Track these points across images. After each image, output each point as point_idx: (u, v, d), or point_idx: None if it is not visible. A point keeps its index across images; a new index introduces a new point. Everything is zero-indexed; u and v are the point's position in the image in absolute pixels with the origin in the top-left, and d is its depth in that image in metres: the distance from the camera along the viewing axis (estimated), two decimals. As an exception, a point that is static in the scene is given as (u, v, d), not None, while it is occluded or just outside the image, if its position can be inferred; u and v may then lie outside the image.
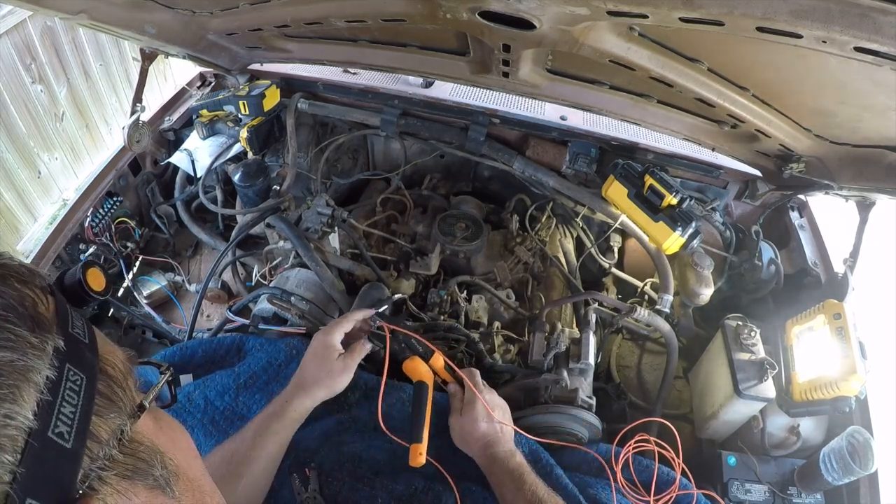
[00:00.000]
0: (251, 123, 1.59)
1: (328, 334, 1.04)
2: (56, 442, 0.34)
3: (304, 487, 1.00)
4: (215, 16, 1.30)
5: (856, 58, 0.72)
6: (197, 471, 0.49)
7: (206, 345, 1.22)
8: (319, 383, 1.00)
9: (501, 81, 1.30)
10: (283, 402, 0.99)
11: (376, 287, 1.32)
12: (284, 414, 0.98)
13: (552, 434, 1.16)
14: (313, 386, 1.00)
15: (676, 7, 0.73)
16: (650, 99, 1.23)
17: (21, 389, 0.34)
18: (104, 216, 1.55)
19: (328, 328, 1.06)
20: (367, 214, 1.68)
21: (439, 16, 0.99)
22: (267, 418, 0.97)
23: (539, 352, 1.25)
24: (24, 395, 0.34)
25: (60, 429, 0.35)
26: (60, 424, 0.35)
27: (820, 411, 1.09)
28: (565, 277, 1.55)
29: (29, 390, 0.34)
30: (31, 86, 3.07)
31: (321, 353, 1.02)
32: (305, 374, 1.02)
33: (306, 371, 1.02)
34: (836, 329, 1.08)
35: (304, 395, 0.99)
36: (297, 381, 1.02)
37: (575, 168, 1.57)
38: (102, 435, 0.39)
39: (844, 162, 1.16)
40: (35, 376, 0.35)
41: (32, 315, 0.38)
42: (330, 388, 1.02)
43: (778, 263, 1.45)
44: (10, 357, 0.34)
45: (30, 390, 0.34)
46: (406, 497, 0.99)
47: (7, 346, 0.34)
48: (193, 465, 0.49)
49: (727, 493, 1.12)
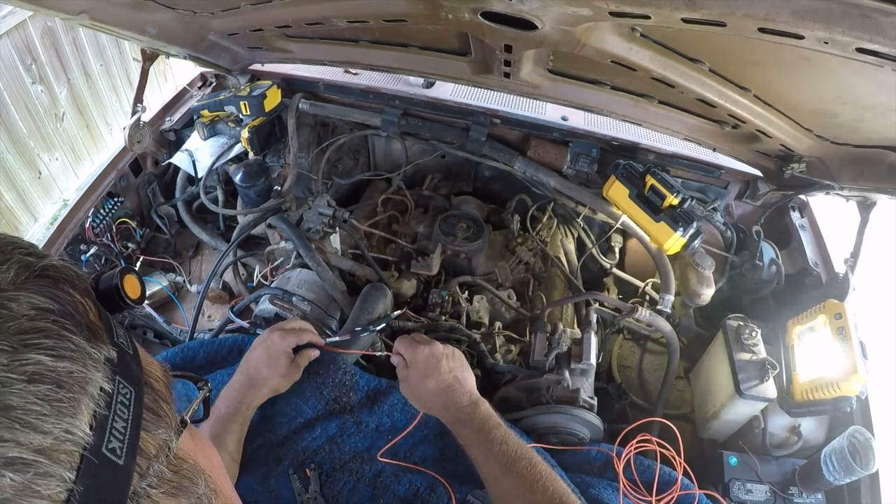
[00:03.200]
0: (252, 124, 1.59)
1: (285, 340, 1.04)
2: (109, 458, 0.33)
3: (305, 488, 1.00)
4: (216, 16, 1.30)
5: (857, 59, 0.72)
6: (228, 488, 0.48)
7: (208, 345, 1.22)
8: (271, 382, 1.03)
9: (503, 82, 1.31)
10: (237, 403, 1.00)
11: (378, 288, 1.32)
12: (239, 412, 1.00)
13: (554, 434, 1.16)
14: (265, 384, 1.02)
15: (678, 8, 0.73)
16: (651, 99, 1.23)
17: (80, 402, 0.32)
18: (105, 216, 1.55)
19: (285, 333, 1.06)
20: (368, 215, 1.68)
21: (441, 16, 0.99)
22: (223, 421, 0.98)
23: (540, 352, 1.25)
24: (82, 409, 0.32)
25: (113, 444, 0.33)
26: (113, 440, 0.33)
27: (821, 411, 1.09)
28: (566, 278, 1.55)
29: (88, 403, 0.33)
30: (31, 86, 3.07)
31: (275, 355, 1.03)
32: (257, 374, 1.02)
33: (258, 372, 1.02)
34: (837, 329, 1.08)
35: (256, 392, 1.01)
36: (247, 380, 1.02)
37: (576, 168, 1.57)
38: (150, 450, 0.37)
39: (845, 162, 1.16)
40: (92, 389, 0.33)
41: (87, 323, 0.36)
42: (280, 387, 1.05)
43: (779, 263, 1.45)
44: (71, 368, 0.32)
45: (88, 403, 0.33)
46: (408, 498, 0.99)
47: (67, 357, 0.32)
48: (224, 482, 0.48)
49: (728, 493, 1.12)
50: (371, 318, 1.23)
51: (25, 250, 0.36)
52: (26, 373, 0.30)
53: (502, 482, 0.85)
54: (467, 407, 0.95)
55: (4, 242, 0.36)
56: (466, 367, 1.03)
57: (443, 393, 0.97)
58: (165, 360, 1.25)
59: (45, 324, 0.32)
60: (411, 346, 1.03)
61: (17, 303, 0.32)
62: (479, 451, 0.89)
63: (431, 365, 0.99)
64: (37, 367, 0.31)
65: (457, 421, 0.94)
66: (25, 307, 0.32)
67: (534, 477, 0.83)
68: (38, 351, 0.31)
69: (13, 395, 0.29)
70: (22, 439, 0.29)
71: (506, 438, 0.89)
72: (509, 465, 0.85)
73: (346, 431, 1.11)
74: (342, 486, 1.01)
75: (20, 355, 0.30)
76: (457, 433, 0.95)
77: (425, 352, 1.01)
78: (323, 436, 1.09)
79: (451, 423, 0.96)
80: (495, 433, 0.90)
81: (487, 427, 0.91)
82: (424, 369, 0.99)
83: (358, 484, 1.01)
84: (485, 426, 0.91)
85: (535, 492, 0.82)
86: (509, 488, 0.84)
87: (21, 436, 0.29)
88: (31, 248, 0.37)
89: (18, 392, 0.29)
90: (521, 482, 0.83)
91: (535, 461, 0.86)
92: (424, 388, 0.98)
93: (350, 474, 1.02)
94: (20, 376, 0.30)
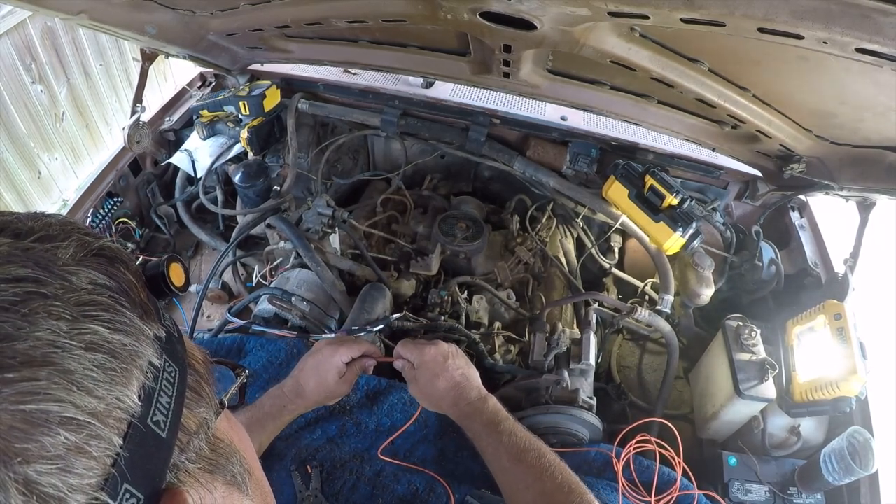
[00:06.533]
0: (252, 124, 1.59)
1: (336, 354, 1.02)
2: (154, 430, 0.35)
3: (306, 485, 1.00)
4: (216, 16, 1.30)
5: (856, 59, 0.72)
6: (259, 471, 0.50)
7: (207, 345, 1.23)
8: (317, 396, 1.02)
9: (502, 82, 1.30)
10: (281, 406, 0.99)
11: (377, 288, 1.32)
12: (280, 416, 0.99)
13: (553, 434, 1.16)
14: (311, 397, 1.01)
15: (677, 8, 0.73)
16: (651, 99, 1.23)
17: (132, 374, 0.34)
18: (105, 216, 1.55)
19: (336, 347, 1.03)
20: (367, 215, 1.68)
21: (440, 16, 0.98)
22: (263, 417, 0.98)
23: (540, 352, 1.25)
24: (132, 380, 0.34)
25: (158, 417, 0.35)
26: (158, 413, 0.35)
27: (820, 411, 1.09)
28: (566, 278, 1.55)
29: (138, 375, 0.35)
30: (31, 86, 3.06)
31: (324, 370, 1.01)
32: (305, 385, 1.01)
33: (306, 383, 1.01)
34: (836, 329, 1.08)
35: (301, 402, 1.01)
36: (296, 388, 1.01)
37: (575, 168, 1.57)
38: (191, 427, 0.39)
39: (845, 162, 1.16)
40: (143, 362, 0.35)
41: (140, 302, 0.38)
42: (325, 402, 1.05)
43: (778, 264, 1.45)
44: (125, 341, 0.34)
45: (139, 375, 0.35)
46: (407, 497, 0.99)
47: (122, 330, 0.34)
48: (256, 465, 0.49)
49: (728, 494, 1.12)
50: (370, 318, 1.23)
51: (83, 230, 0.38)
52: (84, 341, 0.32)
53: (512, 472, 0.87)
54: (476, 401, 0.96)
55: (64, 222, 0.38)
56: (471, 365, 1.04)
57: (452, 390, 0.98)
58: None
59: (103, 298, 0.35)
60: (417, 347, 1.03)
61: (77, 277, 0.34)
62: (489, 444, 0.90)
63: (439, 364, 0.99)
64: (94, 336, 0.32)
65: (467, 416, 0.95)
66: (84, 281, 0.34)
67: (543, 466, 0.85)
68: (96, 322, 0.33)
69: (72, 360, 0.31)
70: (78, 401, 0.30)
71: (514, 430, 0.91)
72: (519, 455, 0.87)
73: (345, 432, 1.11)
74: (342, 485, 1.01)
75: (80, 324, 0.32)
76: (466, 428, 0.96)
77: (432, 352, 1.01)
78: (323, 437, 1.09)
79: (460, 418, 0.97)
80: (504, 425, 0.91)
81: (496, 420, 0.92)
82: (433, 369, 0.99)
83: (357, 483, 1.01)
84: (494, 419, 0.93)
85: (544, 480, 0.83)
86: (519, 478, 0.86)
87: (77, 398, 0.30)
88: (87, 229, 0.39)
89: (77, 357, 0.31)
90: (531, 472, 0.85)
91: (543, 451, 0.88)
92: (435, 387, 0.99)
93: (350, 473, 1.02)
94: (79, 343, 0.32)
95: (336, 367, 1.01)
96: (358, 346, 1.05)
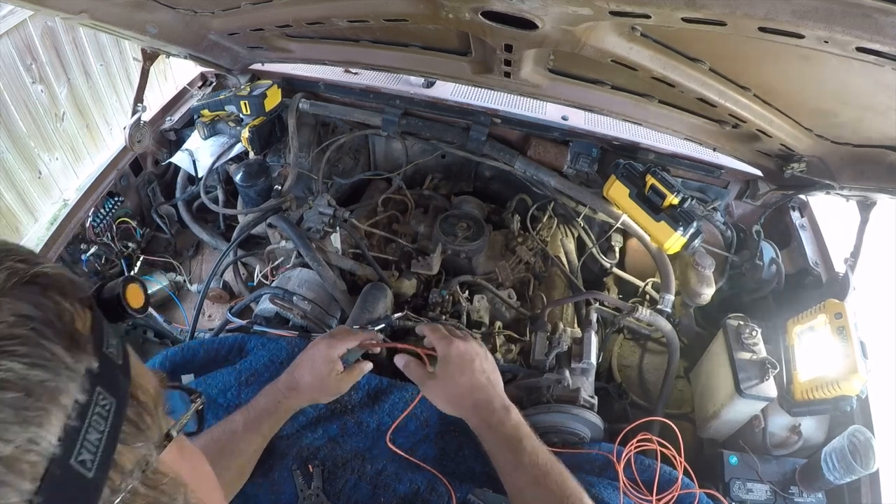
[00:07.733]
0: (253, 123, 1.59)
1: (332, 348, 1.00)
2: (77, 471, 0.32)
3: (308, 484, 1.01)
4: (217, 16, 1.30)
5: (857, 58, 0.72)
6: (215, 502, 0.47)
7: (208, 345, 1.23)
8: (312, 390, 1.00)
9: (503, 81, 1.31)
10: (276, 402, 0.98)
11: (378, 287, 1.32)
12: (276, 412, 0.98)
13: (554, 433, 1.16)
14: (306, 390, 1.00)
15: (679, 7, 0.73)
16: (652, 99, 1.23)
17: (50, 413, 0.31)
18: (105, 216, 1.55)
19: (333, 340, 1.01)
20: (368, 214, 1.68)
21: (441, 16, 0.99)
22: (259, 415, 0.97)
23: (541, 351, 1.25)
24: (51, 419, 0.31)
25: (84, 457, 0.32)
26: (84, 452, 0.32)
27: (821, 411, 1.09)
28: (567, 277, 1.55)
29: (58, 414, 0.32)
30: (31, 86, 3.07)
31: (320, 365, 0.99)
32: (300, 380, 0.99)
33: (302, 377, 0.99)
34: (837, 328, 1.08)
35: (296, 396, 0.99)
36: (290, 382, 1.00)
37: (576, 168, 1.57)
38: (126, 465, 0.36)
39: (845, 162, 1.16)
40: (65, 399, 0.33)
41: (70, 332, 0.35)
42: (322, 398, 1.03)
43: (779, 263, 1.45)
44: (43, 377, 0.32)
45: (59, 414, 0.32)
46: (408, 496, 0.99)
47: (41, 365, 0.32)
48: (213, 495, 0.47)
49: (729, 493, 1.12)
50: (371, 317, 1.23)
51: (19, 257, 0.36)
52: None
53: (529, 494, 0.83)
54: (499, 412, 0.90)
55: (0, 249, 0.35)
56: (496, 370, 0.99)
57: (475, 392, 0.92)
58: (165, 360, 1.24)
59: (23, 331, 0.32)
60: (445, 338, 0.96)
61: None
62: (507, 461, 0.86)
63: (467, 362, 0.93)
64: (7, 374, 0.30)
65: (486, 426, 0.90)
66: (6, 313, 0.32)
67: (564, 493, 0.81)
68: (11, 358, 0.31)
69: None
70: None
71: (536, 450, 0.86)
72: (539, 479, 0.83)
73: (346, 432, 1.11)
74: (343, 484, 1.01)
75: None
76: (483, 437, 0.90)
77: (461, 347, 0.95)
78: (324, 436, 1.09)
79: (478, 426, 0.91)
80: (525, 443, 0.86)
81: (518, 436, 0.87)
82: (459, 364, 0.93)
83: (359, 482, 1.01)
84: (516, 435, 0.88)
85: None
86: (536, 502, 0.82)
87: None
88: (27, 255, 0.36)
89: None
90: (551, 498, 0.81)
91: (565, 476, 0.84)
92: (456, 384, 0.93)
93: (351, 472, 1.02)
94: None
95: (331, 359, 0.99)
96: (353, 337, 1.03)
